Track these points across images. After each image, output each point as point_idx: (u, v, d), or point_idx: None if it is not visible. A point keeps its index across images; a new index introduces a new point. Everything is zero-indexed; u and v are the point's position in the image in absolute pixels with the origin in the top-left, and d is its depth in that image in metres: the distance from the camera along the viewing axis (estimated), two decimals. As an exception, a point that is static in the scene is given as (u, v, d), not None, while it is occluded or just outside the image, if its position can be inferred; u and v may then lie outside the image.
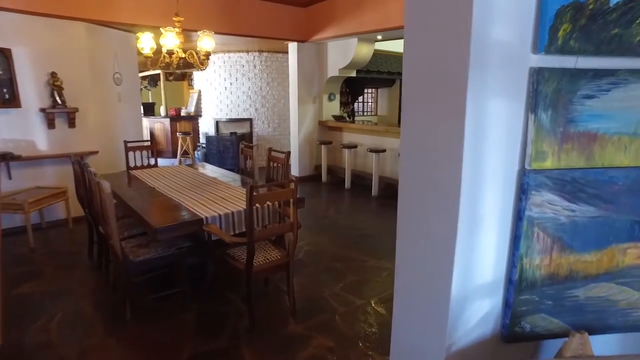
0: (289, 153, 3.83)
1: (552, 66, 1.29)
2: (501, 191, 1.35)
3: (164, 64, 3.32)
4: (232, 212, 2.85)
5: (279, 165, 3.97)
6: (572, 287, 1.35)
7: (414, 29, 1.46)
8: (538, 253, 1.31)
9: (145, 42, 3.10)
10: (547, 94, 1.26)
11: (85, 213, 3.66)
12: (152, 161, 4.87)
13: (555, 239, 1.31)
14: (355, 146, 6.60)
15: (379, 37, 6.23)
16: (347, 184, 6.69)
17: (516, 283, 1.33)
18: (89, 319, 2.87)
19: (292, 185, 2.66)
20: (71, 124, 4.58)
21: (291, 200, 2.68)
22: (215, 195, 3.27)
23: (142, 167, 4.74)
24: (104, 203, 2.65)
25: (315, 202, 6.05)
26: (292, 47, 6.93)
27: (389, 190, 6.24)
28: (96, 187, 2.78)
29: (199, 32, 3.28)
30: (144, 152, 4.83)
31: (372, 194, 6.23)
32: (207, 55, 3.39)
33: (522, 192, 1.27)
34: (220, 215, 2.79)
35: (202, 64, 3.50)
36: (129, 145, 4.62)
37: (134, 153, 4.69)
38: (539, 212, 1.28)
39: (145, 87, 10.09)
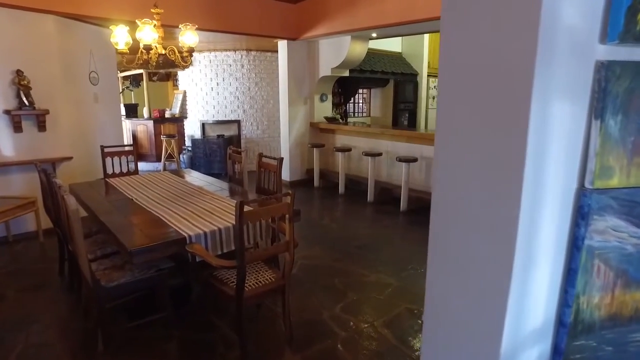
0: (281, 159, 3.50)
1: (625, 59, 1.00)
2: (555, 215, 1.07)
3: (141, 62, 2.97)
4: (220, 229, 2.51)
5: (270, 172, 3.63)
6: (638, 330, 1.12)
7: (458, 13, 1.16)
8: (598, 290, 1.07)
9: (120, 36, 2.74)
10: (618, 95, 0.99)
11: (55, 227, 3.28)
12: (134, 167, 4.50)
13: (620, 272, 1.07)
14: (349, 149, 6.29)
15: (374, 35, 5.94)
16: (341, 189, 6.38)
17: (570, 326, 1.09)
18: (56, 352, 2.50)
19: (289, 199, 2.33)
20: (41, 127, 4.18)
21: (287, 215, 2.35)
22: (201, 208, 2.92)
23: (122, 174, 4.36)
24: (70, 220, 2.29)
25: (308, 209, 5.72)
26: (282, 45, 6.59)
27: (385, 195, 5.94)
28: (62, 201, 2.41)
29: (180, 26, 2.93)
30: (125, 158, 4.45)
31: (368, 199, 5.93)
32: (190, 51, 3.05)
33: (581, 216, 1.03)
34: (205, 233, 2.45)
35: (184, 61, 3.15)
36: (107, 150, 4.24)
37: (112, 159, 4.31)
38: (601, 241, 1.03)
39: (127, 87, 9.65)
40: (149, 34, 2.66)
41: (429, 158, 5.52)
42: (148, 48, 2.80)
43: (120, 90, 9.91)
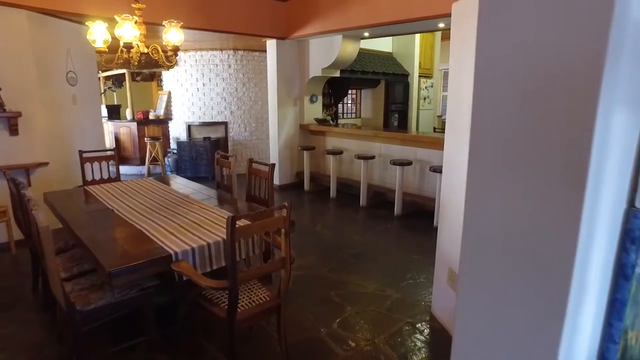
0: (273, 165, 3.29)
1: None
2: (602, 240, 0.92)
3: (121, 61, 2.73)
4: (208, 244, 2.29)
5: (261, 178, 3.42)
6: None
7: (502, 7, 0.98)
8: (651, 325, 0.89)
9: (97, 33, 2.50)
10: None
11: (26, 240, 3.01)
12: (115, 173, 4.24)
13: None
14: (340, 152, 6.11)
15: (366, 34, 5.77)
16: (333, 193, 6.19)
17: (616, 365, 0.89)
18: (26, 383, 2.25)
19: (284, 212, 2.13)
20: (13, 130, 3.89)
21: (283, 230, 2.15)
22: (187, 219, 2.70)
23: (102, 180, 4.11)
24: (40, 238, 2.05)
25: (300, 214, 5.52)
26: (271, 44, 6.38)
27: (378, 199, 5.78)
28: (32, 216, 2.17)
29: (164, 23, 2.71)
30: (106, 163, 4.20)
31: (361, 203, 5.75)
32: (175, 50, 2.82)
33: (631, 240, 0.89)
34: (193, 249, 2.23)
35: (169, 61, 2.92)
36: (86, 155, 3.98)
37: (92, 164, 4.05)
38: (654, 269, 0.85)
39: (109, 88, 9.30)
40: (129, 31, 2.43)
41: (423, 161, 5.37)
42: (129, 46, 2.57)
43: (102, 91, 9.57)
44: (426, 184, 5.38)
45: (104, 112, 8.98)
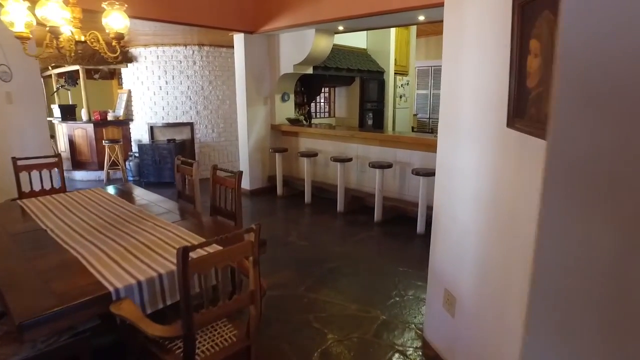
0: (240, 174, 2.87)
1: None
2: None
3: (51, 50, 2.25)
4: (160, 276, 1.86)
5: (227, 188, 2.99)
6: None
7: None
8: None
9: (15, 15, 2.00)
10: None
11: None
12: (60, 183, 3.71)
13: None
14: (315, 154, 5.72)
15: (340, 28, 5.40)
16: (308, 198, 5.80)
17: None
18: None
19: (252, 236, 1.72)
20: None
21: (251, 258, 1.74)
22: (137, 241, 2.24)
23: (44, 192, 3.57)
24: None
25: (272, 223, 5.10)
26: (239, 39, 5.92)
27: (356, 204, 5.42)
28: None
29: (104, 5, 2.24)
30: (48, 171, 3.65)
31: (338, 209, 5.38)
32: (119, 39, 2.35)
33: None
34: (140, 283, 1.79)
35: (112, 51, 2.45)
36: (21, 163, 3.43)
37: (30, 173, 3.51)
38: None
39: (62, 86, 8.55)
40: (55, 11, 1.95)
41: (403, 163, 5.05)
42: (56, 32, 2.09)
43: (55, 90, 8.82)
44: (407, 188, 5.06)
45: (57, 112, 8.28)
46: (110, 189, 3.59)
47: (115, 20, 2.24)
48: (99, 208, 2.91)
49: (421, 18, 4.63)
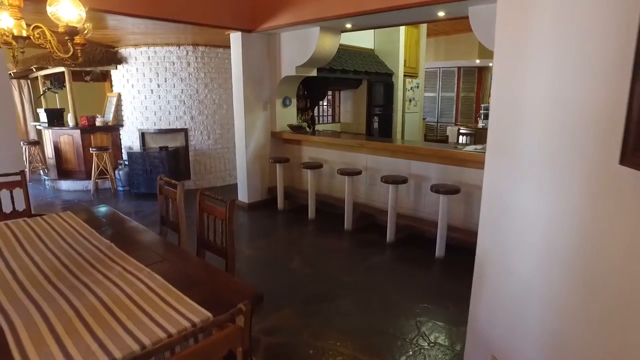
0: (232, 203, 2.33)
1: None
2: None
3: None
4: (111, 367, 1.32)
5: (217, 219, 2.45)
6: None
7: None
8: None
9: None
10: None
11: None
12: (29, 204, 3.18)
13: None
14: (319, 166, 5.17)
15: (348, 26, 4.86)
16: (311, 214, 5.25)
17: None
18: None
19: (241, 319, 1.18)
20: None
21: (240, 349, 1.20)
22: (96, 299, 1.70)
23: (3, 216, 3.04)
24: None
25: (272, 244, 4.56)
26: (235, 38, 5.38)
27: (365, 220, 4.88)
28: None
29: (50, -10, 1.71)
30: (11, 191, 3.12)
31: (345, 227, 4.84)
32: (72, 33, 1.82)
33: None
34: (80, 381, 1.25)
35: (64, 51, 1.92)
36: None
37: (-13, 195, 2.98)
38: None
39: (48, 89, 8.04)
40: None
41: (419, 176, 4.52)
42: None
43: (41, 93, 8.30)
44: (423, 204, 4.52)
45: (43, 117, 7.75)
46: (83, 213, 3.05)
47: (65, 10, 1.70)
48: (59, 243, 2.37)
49: (441, 14, 4.09)
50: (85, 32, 1.96)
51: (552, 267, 1.48)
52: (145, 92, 6.72)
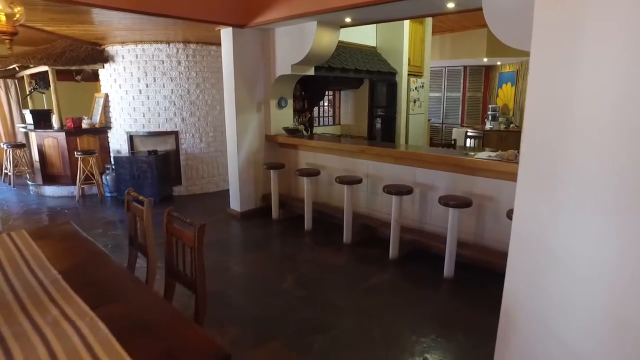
0: (202, 228, 1.92)
1: None
2: None
3: None
4: None
5: (185, 245, 2.05)
6: None
7: None
8: None
9: None
10: None
11: None
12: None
13: None
14: (317, 173, 4.76)
15: (348, 20, 4.44)
16: (308, 224, 4.85)
17: None
18: None
19: None
20: None
21: None
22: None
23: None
24: None
25: (264, 260, 4.15)
26: (226, 34, 4.98)
27: (365, 233, 4.47)
28: None
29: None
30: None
31: (344, 239, 4.43)
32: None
33: None
34: None
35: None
36: None
37: None
38: None
39: (34, 89, 7.66)
40: None
41: (425, 185, 4.10)
42: None
43: (27, 93, 7.93)
44: (430, 217, 4.11)
45: (29, 118, 7.38)
46: (40, 232, 2.65)
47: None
48: (-3, 275, 1.97)
49: (450, 6, 3.68)
50: (16, 17, 1.56)
51: (616, 339, 1.07)
52: (133, 93, 6.33)
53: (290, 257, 4.15)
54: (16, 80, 8.65)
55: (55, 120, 6.78)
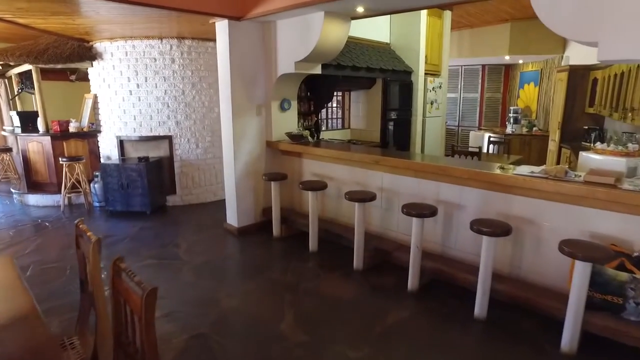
0: (151, 293, 1.31)
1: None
2: None
3: None
4: None
5: (134, 313, 1.45)
6: None
7: None
8: None
9: None
10: None
11: None
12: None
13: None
14: (323, 186, 4.15)
15: (360, 10, 3.82)
16: (313, 245, 4.24)
17: None
18: None
19: None
20: None
21: None
22: None
23: None
24: None
25: (259, 290, 3.55)
26: (222, 27, 4.40)
27: (379, 257, 3.85)
28: None
29: None
30: None
31: (355, 265, 3.82)
32: None
33: None
34: None
35: None
36: None
37: None
38: None
39: (21, 89, 7.16)
40: None
41: (451, 204, 3.48)
42: None
43: (15, 94, 7.43)
44: (455, 241, 3.49)
45: (17, 121, 6.87)
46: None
47: None
48: None
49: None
50: None
51: None
52: (123, 94, 5.78)
53: (291, 287, 3.54)
54: (6, 80, 8.17)
55: (40, 123, 6.26)
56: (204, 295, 3.38)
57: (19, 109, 7.58)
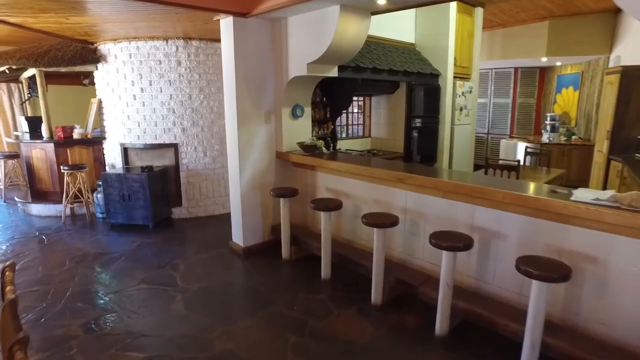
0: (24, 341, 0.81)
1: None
2: None
3: None
4: None
5: None
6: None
7: None
8: None
9: None
10: None
11: None
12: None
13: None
14: (337, 206, 3.63)
15: (380, 2, 3.29)
16: (325, 272, 3.72)
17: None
18: None
19: None
20: None
21: None
22: None
23: None
24: None
25: (261, 328, 3.05)
26: (226, 25, 3.95)
27: (401, 289, 3.30)
28: None
29: None
30: None
31: (373, 299, 3.28)
32: None
33: None
34: None
35: None
36: None
37: None
38: None
39: (30, 94, 6.92)
40: None
41: (487, 231, 2.90)
42: None
43: (25, 98, 7.22)
44: (493, 274, 2.90)
45: (25, 126, 6.64)
46: None
47: None
48: None
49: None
50: None
51: None
52: (127, 98, 5.42)
53: (297, 326, 3.02)
54: (20, 85, 8.00)
55: (44, 130, 5.97)
56: (196, 334, 2.91)
57: (29, 114, 7.37)
